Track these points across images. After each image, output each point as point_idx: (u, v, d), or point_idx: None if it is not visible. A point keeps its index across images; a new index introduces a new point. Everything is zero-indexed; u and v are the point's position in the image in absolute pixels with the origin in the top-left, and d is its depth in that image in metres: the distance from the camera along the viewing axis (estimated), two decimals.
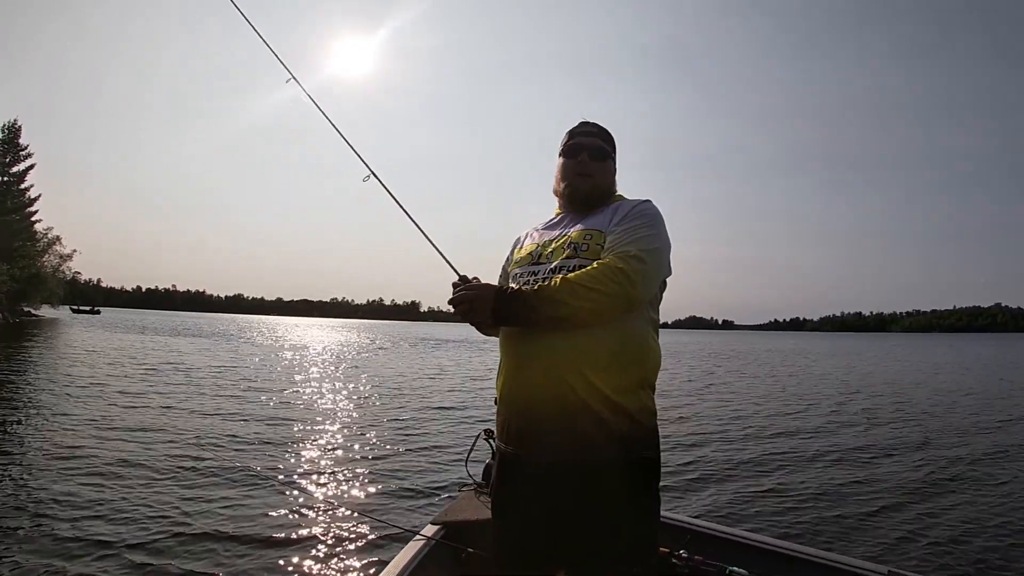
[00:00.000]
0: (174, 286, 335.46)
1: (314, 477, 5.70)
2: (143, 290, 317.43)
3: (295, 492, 5.10)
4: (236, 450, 6.60)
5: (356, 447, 7.00)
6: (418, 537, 2.36)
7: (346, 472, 5.89)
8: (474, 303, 1.50)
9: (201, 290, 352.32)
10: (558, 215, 1.76)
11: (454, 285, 1.61)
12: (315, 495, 5.09)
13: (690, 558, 2.19)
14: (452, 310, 1.54)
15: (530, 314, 1.44)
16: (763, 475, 6.28)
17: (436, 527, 2.44)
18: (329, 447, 6.95)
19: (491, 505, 1.66)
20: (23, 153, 45.42)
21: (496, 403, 1.63)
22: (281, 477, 5.56)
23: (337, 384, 13.65)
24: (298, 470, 5.91)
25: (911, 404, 12.48)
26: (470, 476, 2.81)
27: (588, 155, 1.68)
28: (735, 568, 2.12)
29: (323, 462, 6.23)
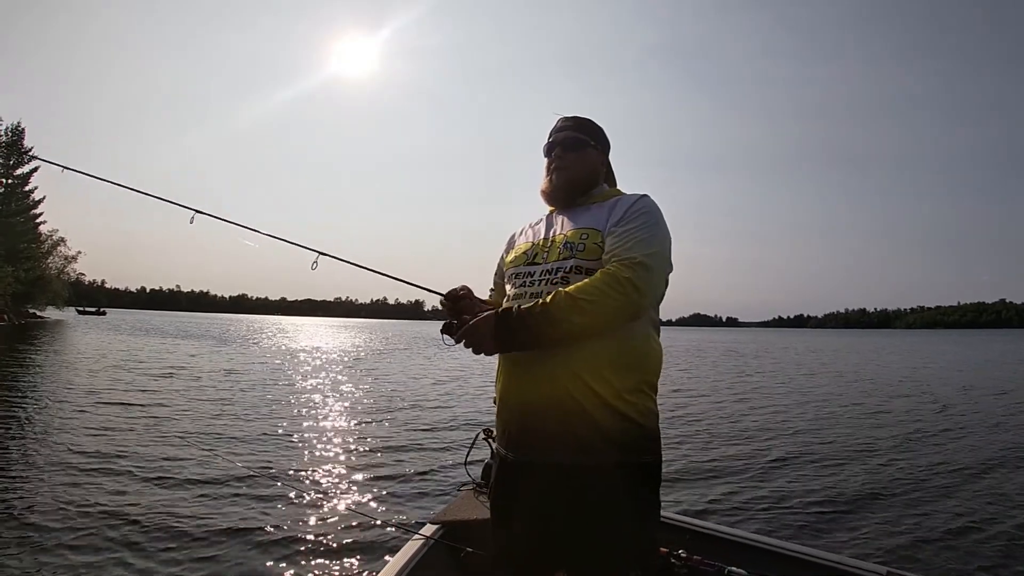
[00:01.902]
0: (178, 287, 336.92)
1: (313, 477, 5.71)
2: (147, 291, 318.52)
3: (294, 491, 5.09)
4: (236, 450, 6.63)
5: (355, 447, 7.01)
6: (417, 536, 2.37)
7: (345, 472, 5.90)
8: (473, 339, 1.45)
9: (205, 291, 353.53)
10: (550, 211, 1.75)
11: (442, 304, 1.62)
12: (314, 494, 5.09)
13: (689, 558, 2.18)
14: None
15: (533, 340, 1.41)
16: (764, 475, 6.26)
17: (435, 526, 2.45)
18: (328, 447, 6.95)
19: (490, 509, 1.65)
20: (27, 156, 45.53)
21: (495, 407, 1.62)
22: (281, 477, 5.58)
23: (339, 386, 13.65)
24: (297, 470, 5.92)
25: (918, 403, 12.44)
26: (469, 475, 2.81)
27: (561, 148, 1.68)
28: (734, 568, 2.11)
29: (322, 462, 6.24)
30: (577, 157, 1.67)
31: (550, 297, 1.40)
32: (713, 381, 16.71)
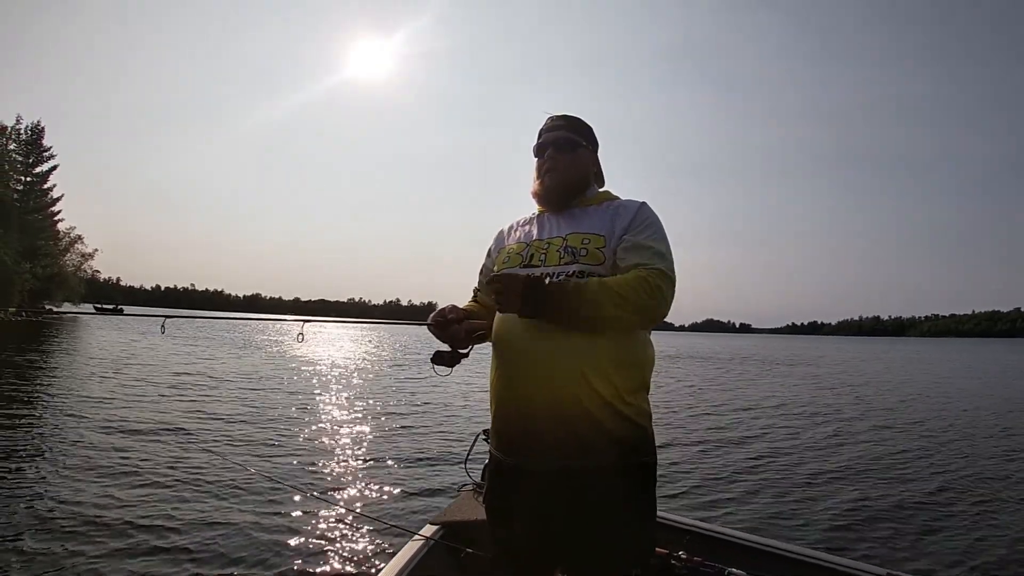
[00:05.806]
0: (193, 285, 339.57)
1: (313, 477, 5.73)
2: (162, 289, 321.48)
3: (294, 492, 5.08)
4: (237, 450, 6.66)
5: (355, 448, 7.02)
6: (417, 537, 2.36)
7: (345, 472, 5.92)
8: (504, 294, 1.44)
9: (219, 289, 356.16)
10: (539, 212, 1.72)
11: (430, 330, 1.64)
12: (314, 495, 5.08)
13: (689, 559, 2.18)
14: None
15: (559, 311, 1.39)
16: (764, 476, 6.23)
17: (435, 527, 2.44)
18: (329, 448, 6.96)
19: (486, 512, 1.64)
20: (46, 154, 46.17)
21: (491, 409, 1.61)
22: (281, 477, 5.57)
23: (340, 388, 13.66)
24: (297, 470, 5.94)
25: (921, 409, 12.26)
26: (469, 476, 2.81)
27: (553, 149, 1.64)
28: (734, 569, 2.10)
29: (322, 463, 6.24)
30: (571, 159, 1.64)
31: (583, 280, 1.42)
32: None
